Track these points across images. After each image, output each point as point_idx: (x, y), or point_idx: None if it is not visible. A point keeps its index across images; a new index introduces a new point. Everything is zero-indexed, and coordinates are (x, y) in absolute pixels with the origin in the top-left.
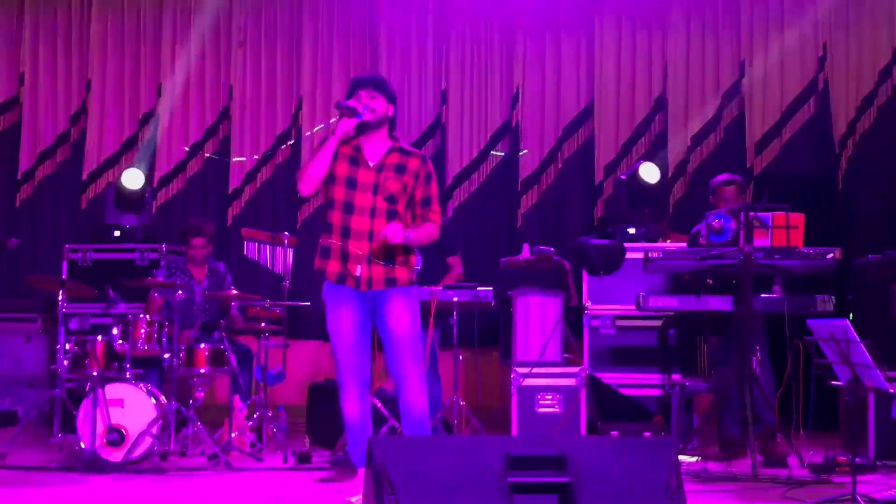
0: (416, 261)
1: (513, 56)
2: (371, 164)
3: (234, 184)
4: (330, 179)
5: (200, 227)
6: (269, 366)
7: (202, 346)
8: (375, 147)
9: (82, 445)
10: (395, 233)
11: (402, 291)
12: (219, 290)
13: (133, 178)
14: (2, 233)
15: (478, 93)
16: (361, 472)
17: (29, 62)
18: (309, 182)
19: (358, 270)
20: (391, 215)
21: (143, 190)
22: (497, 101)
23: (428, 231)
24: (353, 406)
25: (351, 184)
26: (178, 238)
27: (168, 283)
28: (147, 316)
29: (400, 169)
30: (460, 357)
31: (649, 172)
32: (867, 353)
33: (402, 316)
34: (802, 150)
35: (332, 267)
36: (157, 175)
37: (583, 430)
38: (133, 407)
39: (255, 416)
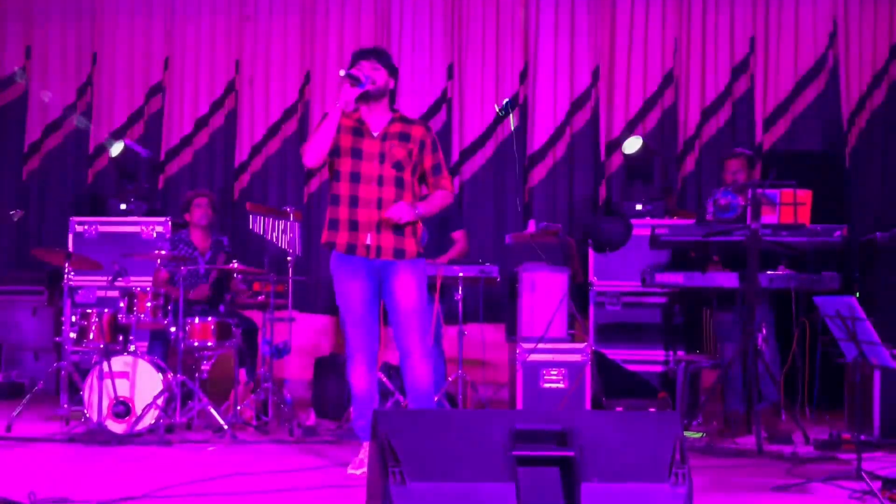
0: (423, 234)
1: (522, 30)
2: (375, 134)
3: (240, 157)
4: (335, 152)
5: (202, 191)
6: (275, 339)
7: (208, 319)
8: (378, 118)
9: (88, 417)
10: (400, 212)
11: (409, 264)
12: (222, 263)
13: (115, 147)
14: (8, 205)
15: (488, 66)
16: (366, 445)
17: (36, 34)
18: (314, 152)
19: (368, 239)
20: (399, 183)
21: (135, 156)
22: (506, 74)
23: (440, 198)
24: (361, 378)
25: (356, 154)
26: (181, 208)
27: (174, 256)
28: (153, 289)
29: (404, 137)
30: (465, 332)
31: (630, 145)
32: (873, 331)
33: (409, 289)
34: (811, 126)
35: (342, 238)
36: (164, 148)
37: (588, 406)
38: (139, 380)
39: (260, 389)
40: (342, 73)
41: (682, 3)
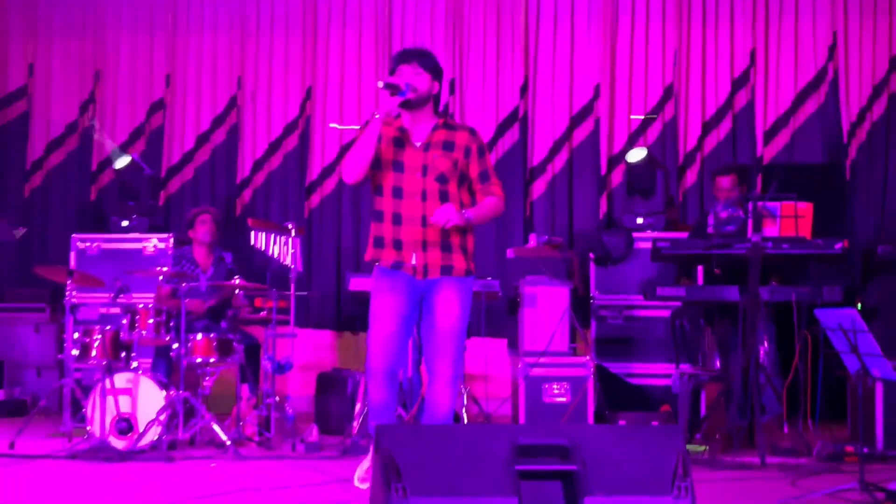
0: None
1: (523, 44)
2: (417, 144)
3: (242, 173)
4: (376, 165)
5: (207, 208)
6: (277, 355)
7: (210, 335)
8: (420, 126)
9: (91, 434)
10: (446, 215)
11: (456, 282)
12: (225, 280)
13: (122, 161)
14: (11, 222)
15: (488, 81)
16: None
17: (39, 52)
18: (353, 168)
19: (413, 259)
20: (443, 196)
21: (138, 172)
22: (506, 89)
23: (490, 205)
24: (378, 393)
25: (398, 167)
26: (185, 224)
27: (175, 273)
28: (155, 305)
29: (448, 146)
30: (467, 346)
31: (634, 154)
32: (875, 343)
33: (450, 307)
34: (811, 139)
35: (388, 255)
36: (166, 165)
37: (590, 420)
38: (141, 396)
39: (263, 405)
40: (380, 84)
41: (681, 17)
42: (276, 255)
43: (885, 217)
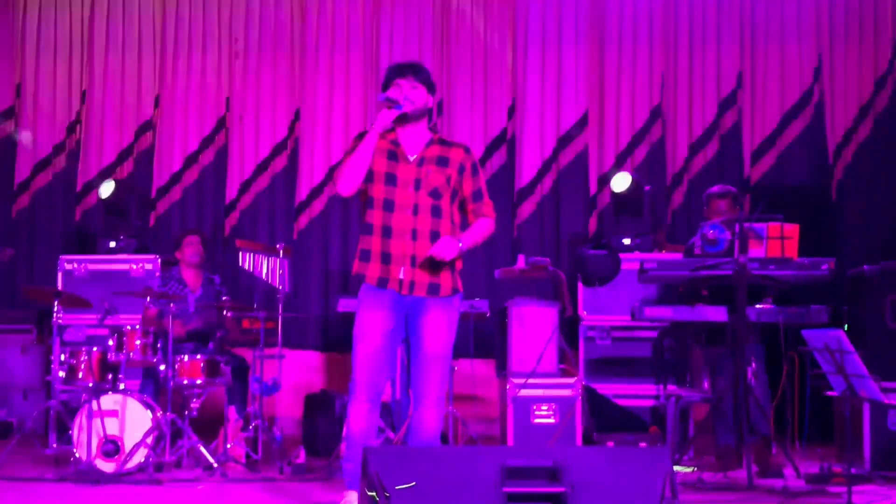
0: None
1: (510, 66)
2: (411, 158)
3: (230, 194)
4: (368, 177)
5: (194, 229)
6: (265, 377)
7: (198, 356)
8: (414, 140)
9: (77, 456)
10: (447, 249)
11: (443, 303)
12: (213, 301)
13: (106, 188)
14: None
15: (476, 103)
16: (351, 493)
17: (26, 72)
18: (348, 180)
19: (401, 273)
20: (435, 211)
21: (124, 197)
22: (494, 110)
23: (482, 228)
24: (360, 417)
25: (390, 180)
26: (172, 245)
27: (163, 294)
28: (142, 326)
29: (442, 161)
30: (455, 367)
31: (619, 182)
32: (861, 364)
33: (438, 331)
34: (798, 160)
35: (373, 270)
36: (154, 186)
37: (578, 441)
38: (128, 418)
39: (250, 427)
40: (381, 98)
41: (669, 39)
42: (264, 277)
43: (871, 237)
